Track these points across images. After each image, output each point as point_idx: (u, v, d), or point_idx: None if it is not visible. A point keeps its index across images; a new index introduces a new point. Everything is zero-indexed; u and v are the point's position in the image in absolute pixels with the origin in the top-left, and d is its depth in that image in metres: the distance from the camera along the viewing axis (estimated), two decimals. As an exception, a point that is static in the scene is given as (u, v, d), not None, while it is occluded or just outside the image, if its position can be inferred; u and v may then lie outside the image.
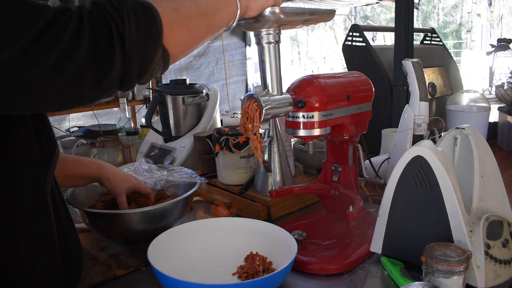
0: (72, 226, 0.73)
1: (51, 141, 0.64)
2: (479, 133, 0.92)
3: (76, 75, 0.47)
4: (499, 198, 0.89)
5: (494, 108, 1.84)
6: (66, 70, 0.47)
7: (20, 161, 0.57)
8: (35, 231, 0.60)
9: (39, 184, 0.60)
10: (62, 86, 0.47)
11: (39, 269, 0.60)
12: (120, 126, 1.84)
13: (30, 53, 0.44)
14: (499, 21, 11.80)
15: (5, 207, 0.56)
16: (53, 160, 0.64)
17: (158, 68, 0.55)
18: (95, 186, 1.05)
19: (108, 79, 0.50)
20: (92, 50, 0.48)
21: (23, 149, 0.58)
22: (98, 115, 2.90)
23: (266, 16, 0.73)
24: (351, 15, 11.50)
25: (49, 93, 0.48)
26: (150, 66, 0.54)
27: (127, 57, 0.50)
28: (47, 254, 0.62)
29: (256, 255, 0.86)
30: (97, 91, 0.51)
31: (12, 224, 0.57)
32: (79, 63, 0.47)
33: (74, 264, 0.70)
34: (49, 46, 0.45)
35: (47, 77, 0.46)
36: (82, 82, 0.48)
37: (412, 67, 1.23)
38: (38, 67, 0.45)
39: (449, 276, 0.71)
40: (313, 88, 0.87)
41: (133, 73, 0.53)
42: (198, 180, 1.08)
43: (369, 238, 0.92)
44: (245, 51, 5.88)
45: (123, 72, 0.51)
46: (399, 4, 1.62)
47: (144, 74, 0.54)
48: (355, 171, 1.02)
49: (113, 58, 0.50)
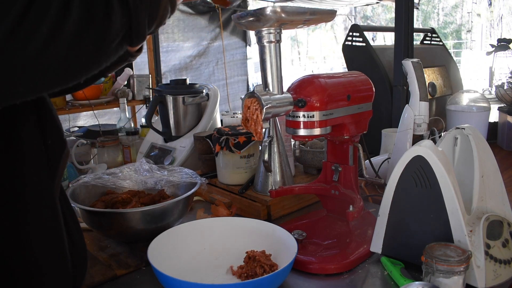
0: (78, 228, 0.72)
1: (60, 142, 0.62)
2: (479, 133, 0.92)
3: (74, 44, 0.44)
4: (499, 198, 0.89)
5: (494, 108, 1.84)
6: (61, 41, 0.43)
7: (26, 162, 0.56)
8: (44, 233, 0.58)
9: (47, 186, 0.59)
10: (61, 59, 0.44)
11: (49, 271, 0.59)
12: (120, 126, 1.84)
13: (20, 30, 0.40)
14: (499, 21, 11.81)
15: (14, 210, 0.55)
16: (62, 161, 0.62)
17: (166, 14, 0.52)
18: (95, 186, 1.05)
19: (111, 40, 0.47)
20: (85, 12, 0.43)
21: (29, 150, 0.56)
22: (98, 115, 2.89)
23: (268, 15, 0.73)
24: (351, 15, 11.50)
25: (49, 69, 0.44)
26: (158, 13, 0.51)
27: (132, 9, 0.47)
28: (57, 256, 0.61)
29: (256, 254, 0.85)
30: (103, 56, 0.48)
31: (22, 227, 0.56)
32: (74, 31, 0.43)
33: (79, 266, 0.70)
34: (38, 18, 0.41)
35: (41, 52, 0.42)
36: (81, 50, 0.45)
37: (412, 67, 1.23)
38: (31, 43, 0.41)
39: (449, 276, 0.71)
40: (314, 88, 0.87)
41: (143, 25, 0.49)
42: (199, 180, 1.08)
43: (369, 238, 0.92)
44: (245, 51, 5.88)
45: (130, 28, 0.48)
46: (399, 4, 1.62)
47: (153, 22, 0.51)
48: (355, 171, 1.02)
49: (112, 16, 0.45)
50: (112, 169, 1.14)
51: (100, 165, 1.55)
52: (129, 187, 1.13)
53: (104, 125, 2.31)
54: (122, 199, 1.04)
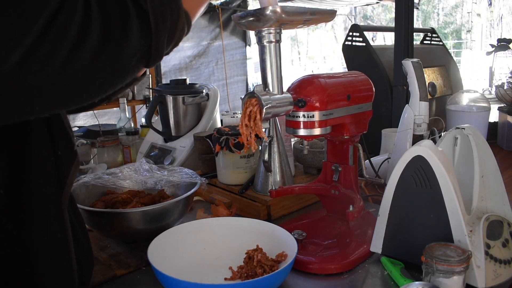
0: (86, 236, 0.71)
1: (71, 153, 0.61)
2: (479, 133, 0.92)
3: (90, 65, 0.44)
4: (499, 198, 0.89)
5: (494, 108, 1.84)
6: (80, 63, 0.43)
7: (34, 173, 0.55)
8: (51, 244, 0.58)
9: (55, 198, 0.58)
10: (78, 80, 0.44)
11: (54, 281, 0.59)
12: (120, 126, 1.84)
13: (39, 51, 0.41)
14: (499, 21, 11.81)
15: (21, 220, 0.55)
16: (71, 172, 0.61)
17: (182, 35, 0.53)
18: (95, 185, 1.05)
19: (128, 61, 0.47)
20: (104, 35, 0.44)
21: (38, 161, 0.56)
22: (98, 115, 2.90)
23: (267, 15, 0.73)
24: (351, 15, 11.50)
25: (65, 90, 0.44)
26: (175, 34, 0.51)
27: (153, 30, 0.47)
28: (63, 267, 0.60)
29: (256, 254, 0.85)
30: (118, 77, 0.48)
31: (28, 237, 0.55)
32: (92, 53, 0.43)
33: (85, 273, 0.70)
34: (57, 40, 0.41)
35: (59, 73, 0.42)
36: (98, 72, 0.45)
37: (412, 67, 1.23)
38: (49, 65, 0.41)
39: (449, 276, 0.71)
40: (314, 88, 0.87)
41: (162, 44, 0.50)
42: (199, 180, 1.08)
43: (369, 238, 0.92)
44: (245, 51, 5.89)
45: (149, 48, 0.48)
46: (399, 4, 1.62)
47: (171, 43, 0.52)
48: (355, 171, 1.02)
49: (130, 37, 0.46)
50: (112, 169, 1.14)
51: (100, 165, 1.55)
52: (129, 187, 1.13)
53: (104, 125, 2.31)
54: (122, 199, 1.04)
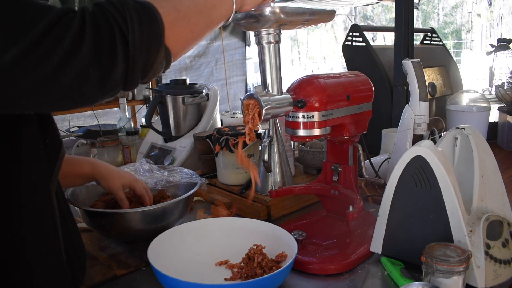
0: (75, 226, 0.73)
1: (57, 141, 0.65)
2: (479, 133, 0.92)
3: (79, 76, 0.48)
4: (499, 198, 0.89)
5: (494, 108, 1.84)
6: (69, 71, 0.47)
7: (25, 160, 0.58)
8: (40, 231, 0.60)
9: (44, 184, 0.60)
10: (65, 87, 0.48)
11: (44, 269, 0.60)
12: (120, 126, 1.84)
13: (34, 53, 0.45)
14: (499, 21, 11.81)
15: (10, 206, 0.57)
16: (59, 160, 0.64)
17: (160, 68, 0.56)
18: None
19: (111, 80, 0.51)
20: (95, 52, 0.48)
21: (28, 148, 0.58)
22: (98, 115, 2.90)
23: (266, 15, 0.73)
24: (351, 15, 11.50)
25: (52, 94, 0.48)
26: (153, 66, 0.55)
27: (131, 59, 0.51)
28: (52, 255, 0.61)
29: (255, 254, 0.86)
30: (100, 92, 0.52)
31: (17, 224, 0.57)
32: (82, 65, 0.48)
33: (77, 265, 0.70)
34: (52, 47, 0.46)
35: (50, 78, 0.46)
36: (84, 83, 0.49)
37: (412, 67, 1.23)
38: (42, 68, 0.46)
39: (449, 276, 0.71)
40: (313, 88, 0.87)
41: (137, 73, 0.53)
42: (199, 180, 1.08)
43: (369, 238, 0.92)
44: (245, 51, 5.88)
45: (126, 73, 0.52)
46: (399, 4, 1.62)
47: (147, 73, 0.55)
48: (355, 171, 1.02)
49: (116, 60, 0.50)
50: (112, 169, 1.14)
51: (100, 165, 1.55)
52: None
53: (104, 125, 2.31)
54: (122, 199, 1.04)
